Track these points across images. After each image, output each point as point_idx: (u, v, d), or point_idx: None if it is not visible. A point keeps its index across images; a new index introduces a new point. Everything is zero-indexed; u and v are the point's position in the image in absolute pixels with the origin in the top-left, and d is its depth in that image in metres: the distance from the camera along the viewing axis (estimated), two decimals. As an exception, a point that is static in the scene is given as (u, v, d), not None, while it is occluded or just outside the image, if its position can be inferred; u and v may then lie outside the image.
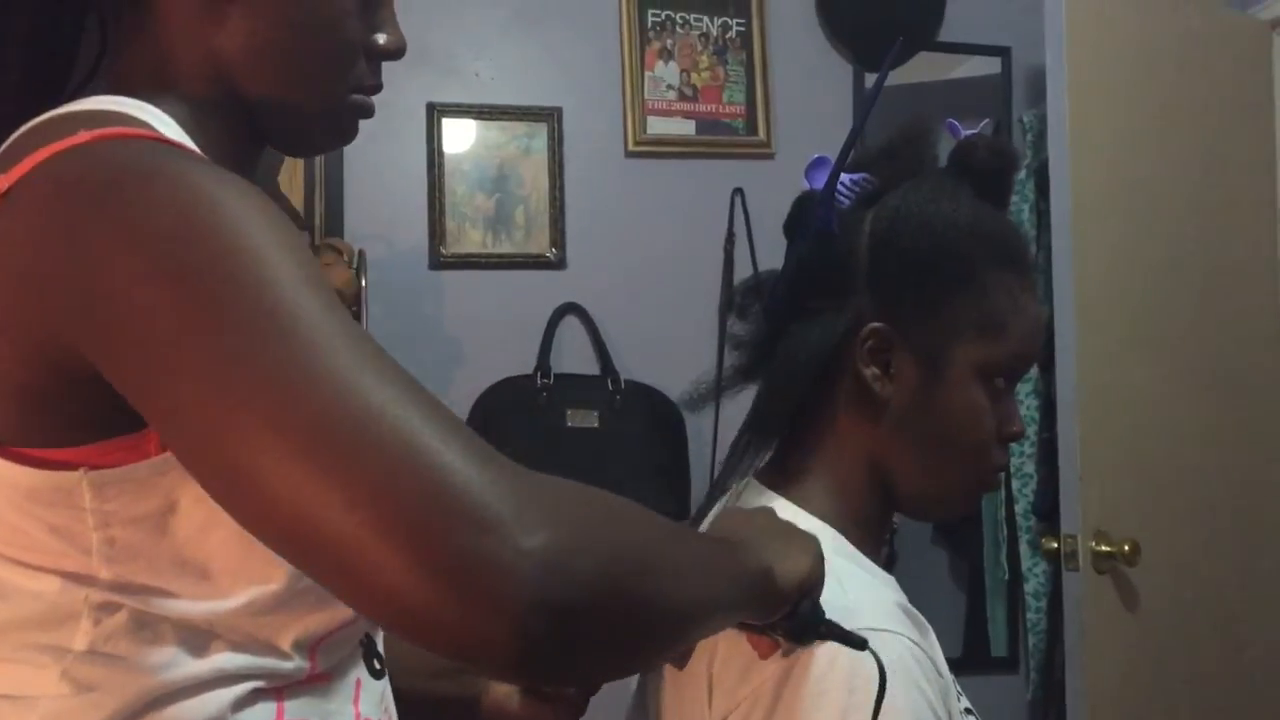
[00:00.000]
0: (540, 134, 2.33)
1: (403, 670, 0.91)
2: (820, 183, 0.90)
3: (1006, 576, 2.47)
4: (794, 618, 0.74)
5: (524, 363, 2.25)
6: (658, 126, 2.38)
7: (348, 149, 2.22)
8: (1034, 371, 2.39)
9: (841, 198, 0.90)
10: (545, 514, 0.51)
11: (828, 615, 0.76)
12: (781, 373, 0.90)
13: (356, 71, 0.75)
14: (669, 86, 2.39)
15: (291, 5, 0.71)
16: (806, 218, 0.91)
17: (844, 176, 0.90)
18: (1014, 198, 2.43)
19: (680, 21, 2.41)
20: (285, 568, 0.65)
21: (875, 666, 0.76)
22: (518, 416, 2.20)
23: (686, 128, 2.40)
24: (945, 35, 2.52)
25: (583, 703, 0.92)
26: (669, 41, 2.40)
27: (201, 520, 0.63)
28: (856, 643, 0.76)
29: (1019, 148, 2.50)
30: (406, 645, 0.96)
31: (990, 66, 2.55)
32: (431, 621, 0.49)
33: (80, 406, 0.60)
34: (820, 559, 0.74)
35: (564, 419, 2.22)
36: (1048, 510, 2.28)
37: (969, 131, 0.95)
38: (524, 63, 2.36)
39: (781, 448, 0.95)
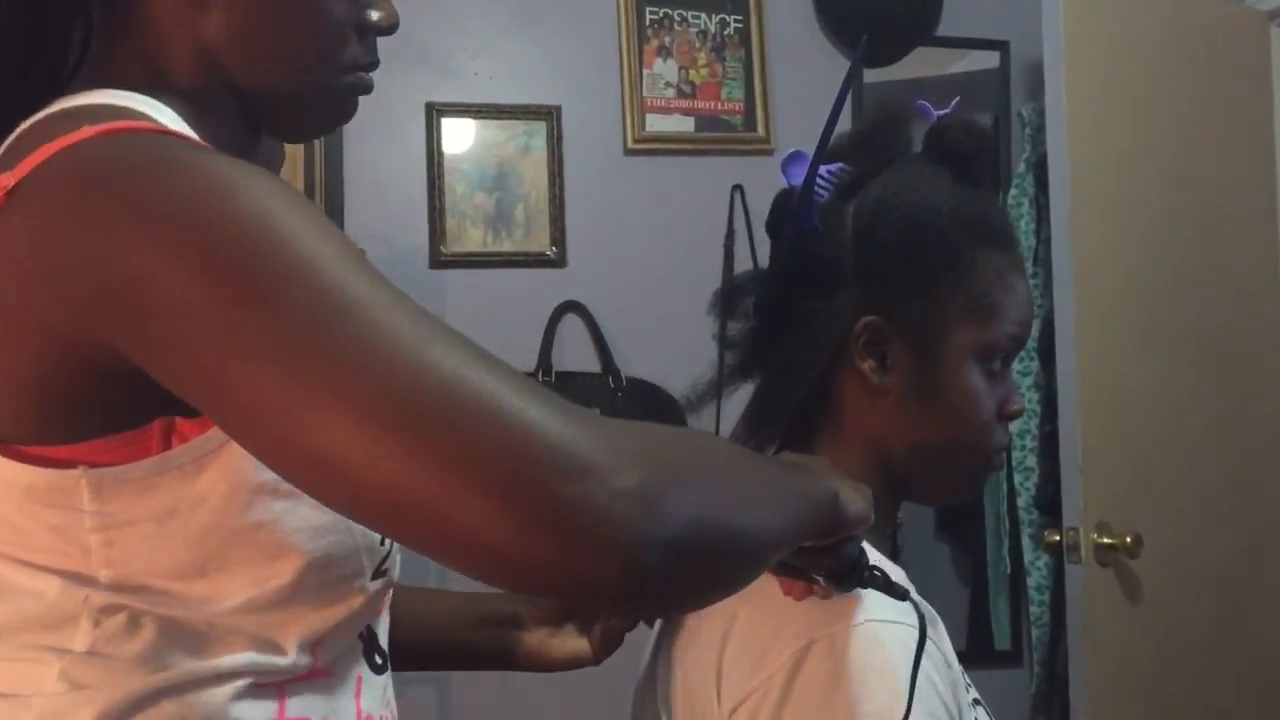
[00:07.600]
0: (539, 132, 2.33)
1: (443, 621, 0.93)
2: (798, 178, 0.89)
3: (1009, 570, 2.47)
4: (839, 557, 0.73)
5: (525, 361, 2.25)
6: (657, 124, 2.38)
7: (347, 149, 2.25)
8: (1034, 365, 2.39)
9: (821, 191, 0.90)
10: (634, 455, 0.52)
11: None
12: (780, 377, 0.91)
13: (349, 51, 0.73)
14: (667, 84, 2.40)
15: None
16: (788, 216, 0.91)
17: (821, 168, 0.89)
18: (1014, 191, 2.44)
19: (678, 19, 2.41)
20: (289, 565, 0.65)
21: (896, 658, 0.76)
22: (519, 415, 2.20)
23: (685, 125, 2.40)
24: (943, 30, 2.52)
25: (618, 639, 0.93)
26: (667, 39, 2.40)
27: (200, 523, 0.62)
28: (898, 593, 0.76)
29: (1018, 141, 2.50)
30: (444, 599, 0.95)
31: (989, 60, 2.55)
32: (539, 570, 0.50)
33: (86, 400, 0.60)
34: (871, 505, 0.73)
35: (566, 417, 2.22)
36: (1049, 503, 2.28)
37: (941, 112, 0.94)
38: (522, 61, 2.36)
39: (784, 443, 0.95)
